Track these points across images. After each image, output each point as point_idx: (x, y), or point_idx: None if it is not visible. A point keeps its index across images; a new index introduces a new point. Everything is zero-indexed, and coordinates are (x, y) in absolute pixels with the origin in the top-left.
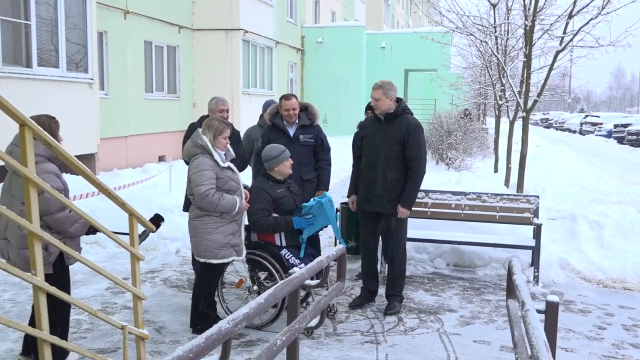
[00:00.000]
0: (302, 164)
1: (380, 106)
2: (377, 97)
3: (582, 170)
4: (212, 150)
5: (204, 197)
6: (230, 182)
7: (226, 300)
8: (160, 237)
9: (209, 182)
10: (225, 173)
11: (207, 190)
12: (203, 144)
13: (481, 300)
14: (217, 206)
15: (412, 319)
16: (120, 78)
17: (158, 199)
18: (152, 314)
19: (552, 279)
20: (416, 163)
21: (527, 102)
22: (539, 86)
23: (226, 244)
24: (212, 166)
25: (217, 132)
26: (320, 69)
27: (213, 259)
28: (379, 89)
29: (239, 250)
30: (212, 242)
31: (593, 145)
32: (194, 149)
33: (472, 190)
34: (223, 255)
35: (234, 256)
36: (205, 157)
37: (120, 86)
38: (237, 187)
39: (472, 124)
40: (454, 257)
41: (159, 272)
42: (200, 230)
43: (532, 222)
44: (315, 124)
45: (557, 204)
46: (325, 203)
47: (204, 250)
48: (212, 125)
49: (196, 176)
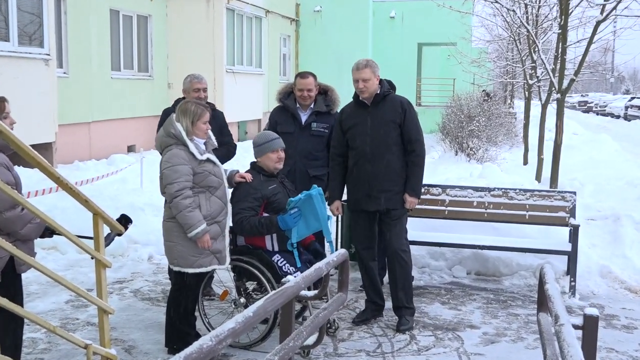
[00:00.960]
0: (310, 157)
1: (370, 87)
2: (366, 77)
3: (627, 163)
4: (186, 141)
5: (174, 197)
6: (211, 177)
7: (208, 315)
8: (129, 241)
9: (182, 179)
10: (204, 167)
11: (180, 190)
12: (176, 132)
13: (508, 314)
14: (179, 213)
15: (427, 337)
16: (82, 54)
17: (127, 196)
18: (121, 331)
19: (592, 289)
20: (418, 145)
21: (562, 81)
22: (576, 63)
23: (205, 250)
24: (188, 159)
25: (195, 116)
26: (318, 42)
27: (189, 267)
28: (366, 67)
29: (222, 258)
30: (188, 248)
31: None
32: (167, 139)
33: (497, 185)
34: (201, 264)
35: (215, 265)
36: (179, 148)
37: (82, 63)
38: (220, 182)
39: (498, 108)
40: (475, 264)
41: (129, 282)
42: (174, 234)
43: (568, 223)
44: (333, 112)
45: (598, 202)
46: (315, 197)
47: (178, 257)
48: (188, 109)
49: (168, 172)
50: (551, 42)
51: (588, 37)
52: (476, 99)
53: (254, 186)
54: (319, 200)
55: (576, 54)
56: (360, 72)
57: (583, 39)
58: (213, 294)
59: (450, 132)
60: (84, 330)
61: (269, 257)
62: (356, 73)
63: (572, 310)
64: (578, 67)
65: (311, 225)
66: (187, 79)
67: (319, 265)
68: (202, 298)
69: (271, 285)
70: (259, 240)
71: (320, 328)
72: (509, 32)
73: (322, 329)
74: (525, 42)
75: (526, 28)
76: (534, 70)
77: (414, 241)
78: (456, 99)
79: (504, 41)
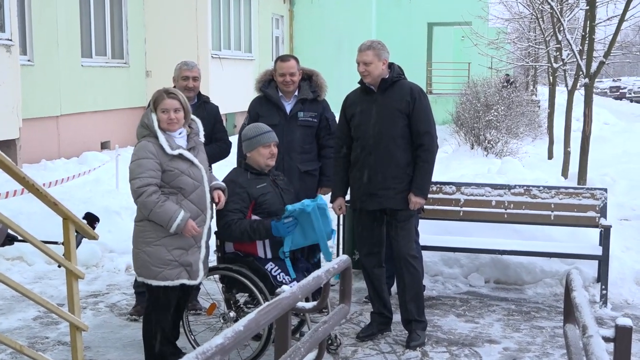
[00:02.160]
0: (299, 151)
1: (372, 71)
2: (367, 61)
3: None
4: (157, 132)
5: (138, 195)
6: (183, 177)
7: (194, 331)
8: (104, 249)
9: (146, 174)
10: (175, 164)
11: (143, 186)
12: (149, 122)
13: (531, 327)
14: (150, 212)
15: (441, 354)
16: (48, 39)
17: (101, 198)
18: (96, 351)
19: (625, 298)
20: (427, 138)
21: (591, 64)
22: (607, 43)
23: (172, 261)
24: (156, 153)
25: (154, 103)
26: (315, 23)
27: (152, 279)
28: (368, 49)
29: (192, 272)
30: (151, 257)
31: None
32: (140, 130)
33: (518, 182)
34: (165, 276)
35: (185, 279)
36: (148, 140)
37: (48, 50)
38: (196, 185)
39: (519, 95)
40: (495, 271)
41: (104, 296)
42: (139, 239)
43: (598, 224)
44: (320, 99)
45: (632, 200)
46: (313, 211)
47: (141, 267)
48: (153, 96)
49: (133, 166)
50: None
51: (619, 14)
52: (494, 85)
53: (239, 184)
54: (317, 216)
55: (606, 33)
56: (362, 54)
57: (614, 16)
58: (199, 308)
59: (465, 123)
60: (54, 350)
61: (261, 266)
62: (358, 55)
63: (603, 322)
64: (608, 47)
65: (309, 236)
66: (177, 66)
67: (318, 274)
68: (187, 313)
69: (264, 297)
70: (249, 246)
71: (320, 344)
72: (530, 10)
73: (322, 345)
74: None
75: (550, 4)
76: (559, 52)
77: (425, 246)
78: (471, 85)
79: (525, 20)
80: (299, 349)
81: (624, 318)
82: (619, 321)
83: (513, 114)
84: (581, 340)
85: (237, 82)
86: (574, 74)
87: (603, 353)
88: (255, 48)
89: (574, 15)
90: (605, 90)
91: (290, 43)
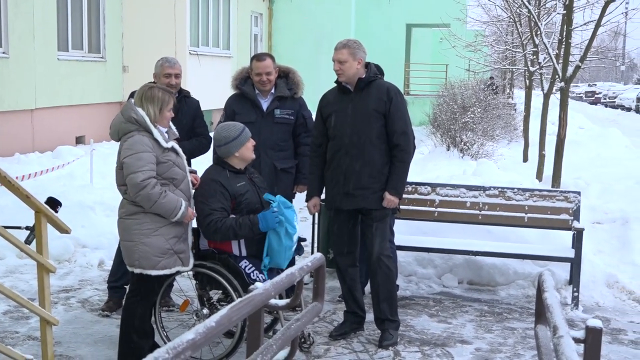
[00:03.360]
0: (276, 148)
1: (347, 70)
2: (342, 59)
3: (639, 160)
4: (151, 127)
5: (141, 188)
6: (175, 168)
7: (166, 328)
8: (77, 244)
9: (147, 167)
10: (168, 156)
11: (146, 179)
12: (139, 118)
13: (503, 328)
14: (154, 204)
15: (413, 353)
16: (24, 31)
17: (75, 193)
18: (67, 346)
19: (597, 300)
20: (403, 138)
21: (567, 68)
22: (583, 48)
23: (169, 250)
24: (152, 147)
25: (163, 104)
26: (294, 22)
27: (151, 269)
28: (343, 48)
29: (185, 259)
30: (151, 247)
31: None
32: (127, 125)
33: (493, 184)
34: (165, 265)
35: (179, 266)
36: (142, 135)
37: (24, 42)
38: (184, 175)
39: (496, 98)
40: (468, 272)
41: (76, 291)
42: (135, 232)
43: (571, 227)
44: (297, 96)
45: (605, 204)
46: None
47: (140, 258)
48: (156, 96)
49: (131, 160)
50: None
51: (596, 19)
52: (472, 87)
53: (220, 183)
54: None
55: (583, 38)
56: (337, 52)
57: (590, 21)
58: (172, 305)
59: (442, 125)
60: (24, 345)
61: (235, 263)
62: (334, 53)
63: (574, 324)
64: (584, 52)
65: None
66: (159, 62)
67: (292, 271)
68: (160, 309)
69: (238, 295)
70: (224, 243)
71: (292, 341)
72: (508, 13)
73: (294, 342)
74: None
75: (527, 8)
76: (535, 55)
77: (400, 246)
78: (449, 87)
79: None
80: (271, 346)
81: (594, 319)
82: (589, 322)
83: (489, 116)
84: (552, 341)
85: (215, 79)
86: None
87: (573, 353)
88: (233, 45)
89: (551, 19)
90: (581, 95)
91: (268, 41)
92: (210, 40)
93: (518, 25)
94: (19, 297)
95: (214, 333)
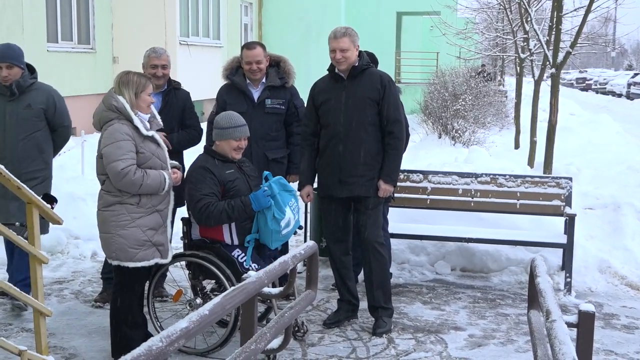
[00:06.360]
0: (267, 138)
1: (349, 58)
2: (344, 47)
3: (629, 146)
4: (131, 114)
5: (122, 176)
6: (154, 159)
7: (160, 318)
8: (69, 236)
9: (127, 155)
10: (148, 146)
11: (127, 167)
12: (119, 106)
13: (496, 314)
14: (141, 187)
15: (407, 340)
16: (12, 22)
17: (66, 184)
18: (61, 338)
19: (589, 286)
20: (397, 125)
21: (558, 55)
22: (573, 34)
23: (146, 242)
24: (132, 135)
25: (138, 87)
26: (283, 11)
27: (128, 261)
28: (344, 36)
29: (164, 251)
30: (127, 239)
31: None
32: (107, 114)
33: (485, 171)
34: (142, 257)
35: (157, 258)
36: (122, 123)
37: (12, 34)
38: (163, 167)
39: (487, 85)
40: (461, 259)
41: (69, 283)
42: (111, 224)
43: (563, 213)
44: (288, 86)
45: (596, 189)
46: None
47: (117, 250)
48: (130, 80)
49: (111, 149)
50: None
51: (586, 5)
52: (462, 74)
53: (209, 169)
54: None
55: (573, 24)
56: (338, 41)
57: (580, 7)
58: (166, 295)
59: (433, 113)
60: (18, 337)
61: (228, 252)
62: (333, 42)
63: (567, 309)
64: (575, 38)
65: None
66: (146, 53)
67: (284, 259)
68: (153, 299)
69: (231, 284)
70: (216, 232)
71: (286, 329)
72: (498, 0)
73: (288, 330)
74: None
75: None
76: (526, 42)
77: (393, 234)
78: (440, 75)
79: (493, 10)
80: (265, 334)
81: (587, 304)
82: (581, 307)
83: (480, 103)
84: (545, 326)
85: (205, 69)
86: (540, 65)
87: (566, 337)
88: (223, 35)
89: (541, 5)
90: (572, 82)
91: (259, 30)
92: (201, 31)
93: (508, 12)
94: (12, 289)
95: (207, 321)
